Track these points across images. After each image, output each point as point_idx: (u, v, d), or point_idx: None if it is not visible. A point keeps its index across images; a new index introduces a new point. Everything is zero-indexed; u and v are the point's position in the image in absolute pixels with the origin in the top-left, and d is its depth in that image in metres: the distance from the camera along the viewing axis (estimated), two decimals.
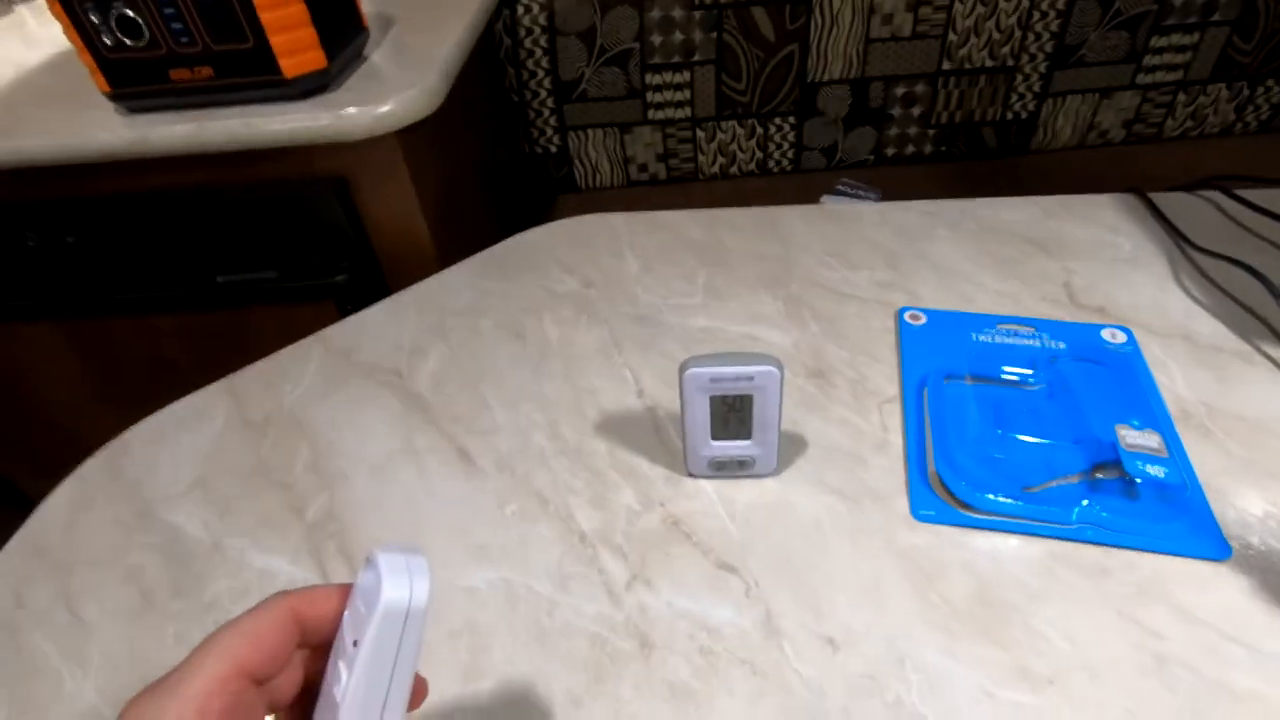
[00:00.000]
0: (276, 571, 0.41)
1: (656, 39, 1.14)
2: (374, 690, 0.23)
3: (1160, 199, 0.62)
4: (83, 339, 0.92)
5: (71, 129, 0.75)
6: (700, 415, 0.40)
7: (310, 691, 0.25)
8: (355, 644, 0.22)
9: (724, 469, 0.43)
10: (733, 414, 0.40)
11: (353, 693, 0.22)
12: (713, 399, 0.40)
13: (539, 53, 1.15)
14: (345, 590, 0.24)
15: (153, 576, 0.42)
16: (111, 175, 0.78)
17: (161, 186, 0.80)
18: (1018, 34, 1.14)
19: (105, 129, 0.74)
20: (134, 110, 0.76)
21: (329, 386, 0.53)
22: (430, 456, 0.47)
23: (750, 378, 0.39)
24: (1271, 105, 1.21)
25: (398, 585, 0.22)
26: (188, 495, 0.46)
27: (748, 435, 0.41)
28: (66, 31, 0.69)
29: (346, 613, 0.24)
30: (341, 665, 0.23)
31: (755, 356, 0.39)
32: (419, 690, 0.25)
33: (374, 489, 0.45)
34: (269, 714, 0.24)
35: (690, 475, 0.44)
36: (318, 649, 0.25)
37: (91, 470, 0.49)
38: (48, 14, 0.71)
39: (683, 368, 0.39)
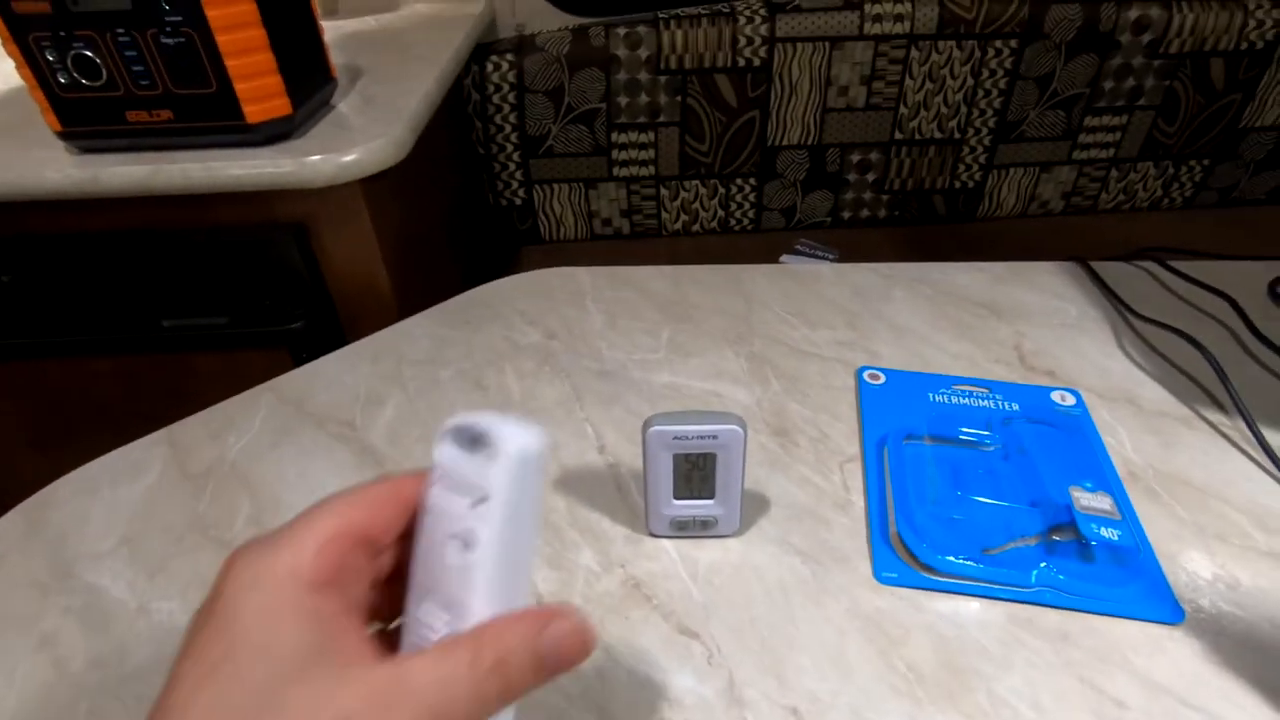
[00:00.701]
0: None
1: (623, 100, 1.17)
2: (511, 547, 0.22)
3: (1101, 268, 0.65)
4: (13, 381, 0.87)
5: (17, 167, 0.72)
6: (663, 473, 0.40)
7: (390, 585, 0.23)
8: (482, 500, 0.21)
9: (686, 529, 0.42)
10: (696, 472, 0.40)
11: (492, 551, 0.21)
12: (676, 457, 0.39)
13: (507, 108, 1.17)
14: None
15: (68, 644, 0.38)
16: (58, 213, 0.76)
17: (110, 226, 0.78)
18: (964, 109, 1.21)
19: (53, 168, 0.72)
20: (86, 150, 0.74)
21: (277, 437, 0.51)
22: None
23: (714, 436, 0.38)
24: (1195, 183, 1.30)
25: (518, 429, 0.22)
26: (114, 553, 0.43)
27: (710, 494, 0.40)
28: (19, 69, 0.68)
29: (433, 492, 0.22)
30: (449, 542, 0.21)
31: (719, 415, 0.39)
32: (586, 639, 0.22)
33: None
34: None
35: (652, 535, 0.43)
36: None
37: (10, 524, 0.45)
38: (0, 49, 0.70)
39: (646, 425, 0.39)
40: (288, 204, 0.77)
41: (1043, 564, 0.39)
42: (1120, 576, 0.39)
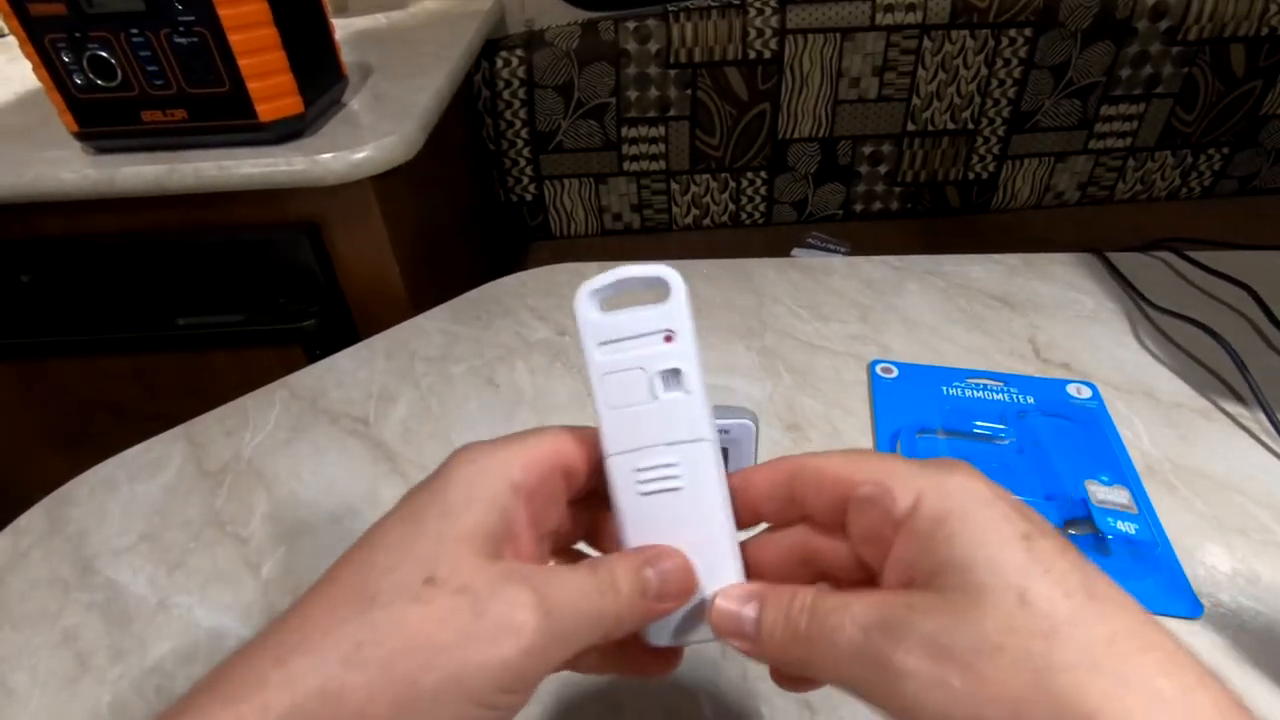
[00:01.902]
0: (226, 631, 0.39)
1: (632, 94, 1.17)
2: (701, 377, 0.24)
3: (1117, 259, 0.64)
4: (33, 381, 0.89)
5: (34, 167, 0.73)
6: None
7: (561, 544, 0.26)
8: (669, 339, 0.24)
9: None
10: None
11: (699, 378, 0.24)
12: None
13: (517, 104, 1.17)
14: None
15: (90, 639, 0.39)
16: (74, 214, 0.77)
17: (126, 227, 0.79)
18: (977, 99, 1.19)
19: (70, 169, 0.73)
20: (102, 150, 0.75)
21: (292, 434, 0.51)
22: None
23: (725, 430, 0.38)
24: (1213, 172, 1.27)
25: (666, 268, 0.24)
26: (134, 549, 0.44)
27: None
28: (36, 70, 0.69)
29: (605, 352, 0.24)
30: (656, 381, 0.23)
31: (730, 409, 0.38)
32: (690, 576, 0.23)
33: (336, 542, 0.43)
34: (551, 552, 0.25)
35: None
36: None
37: (31, 521, 0.46)
38: (17, 51, 0.71)
39: None
40: (300, 202, 0.77)
41: None
42: (1137, 571, 0.39)
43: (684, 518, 0.23)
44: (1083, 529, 0.40)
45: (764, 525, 0.25)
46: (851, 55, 1.15)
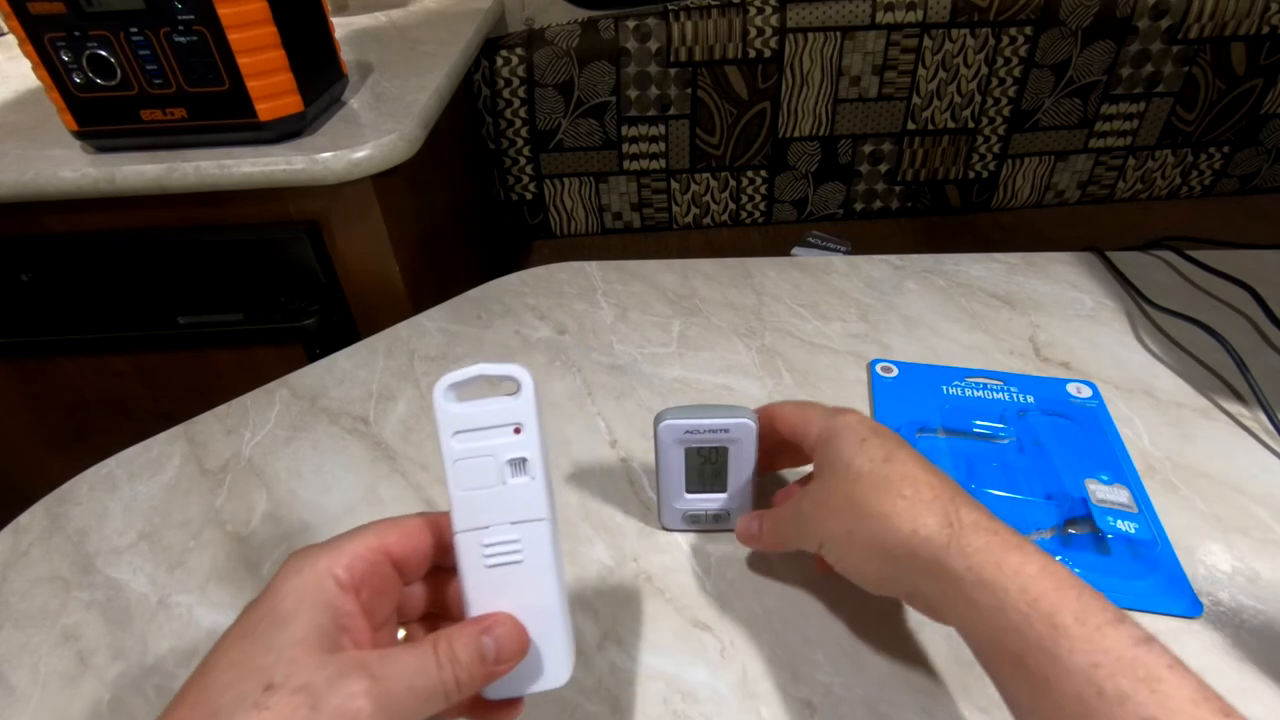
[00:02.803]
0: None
1: (632, 93, 1.17)
2: (544, 464, 0.27)
3: (1117, 258, 0.64)
4: (33, 379, 0.89)
5: (34, 166, 0.73)
6: (674, 467, 0.40)
7: (433, 618, 0.29)
8: (518, 430, 0.26)
9: (698, 522, 0.42)
10: (708, 466, 0.40)
11: (542, 468, 0.26)
12: (688, 451, 0.39)
13: (517, 103, 1.17)
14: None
15: (91, 637, 0.39)
16: (74, 212, 0.77)
17: (126, 225, 0.79)
18: (978, 98, 1.19)
19: (70, 167, 0.72)
20: (101, 149, 0.75)
21: (292, 433, 0.51)
22: (396, 506, 0.45)
23: (726, 430, 0.38)
24: (1214, 171, 1.27)
25: (519, 368, 0.26)
26: (134, 548, 0.44)
27: (723, 488, 0.40)
28: (35, 69, 0.68)
29: (456, 441, 0.26)
30: (505, 469, 0.26)
31: (731, 409, 0.38)
32: (522, 638, 0.27)
33: None
34: (401, 623, 0.28)
35: (664, 529, 0.43)
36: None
37: (31, 520, 0.46)
38: (16, 50, 0.70)
39: (658, 419, 0.39)
40: (300, 201, 0.77)
41: (1058, 557, 0.39)
42: (1137, 570, 0.39)
43: (523, 586, 0.27)
44: (1083, 528, 0.40)
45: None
46: (852, 54, 1.15)
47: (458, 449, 0.26)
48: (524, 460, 0.26)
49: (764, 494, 0.44)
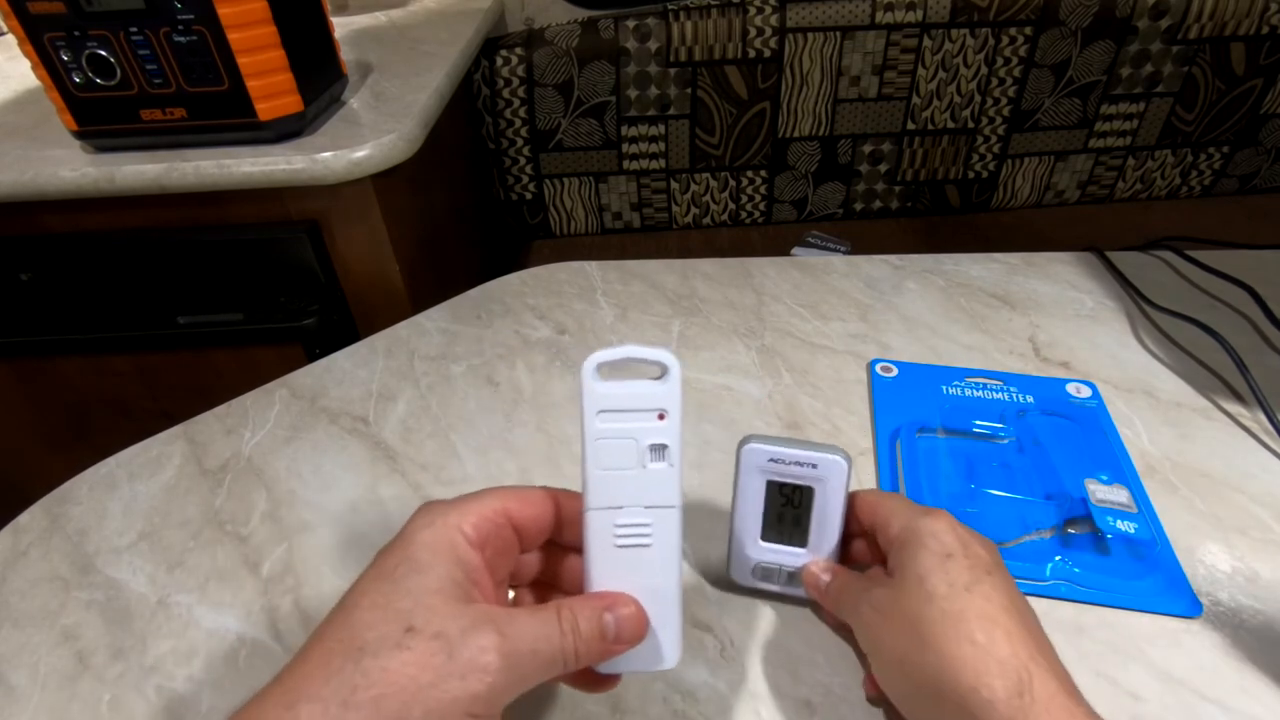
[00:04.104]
0: (226, 630, 0.39)
1: (632, 93, 1.17)
2: (681, 453, 0.27)
3: (1117, 258, 0.64)
4: (33, 379, 0.89)
5: (34, 165, 0.73)
6: (753, 504, 0.35)
7: (543, 586, 0.30)
8: (662, 417, 0.26)
9: (770, 578, 0.36)
10: (789, 510, 0.35)
11: (678, 456, 0.27)
12: (769, 485, 0.35)
13: (516, 103, 1.17)
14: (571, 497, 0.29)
15: (90, 638, 0.39)
16: (74, 212, 0.77)
17: (126, 225, 0.79)
18: (977, 98, 1.19)
19: (70, 167, 0.72)
20: (101, 149, 0.75)
21: (292, 433, 0.51)
22: (396, 506, 0.45)
23: (814, 464, 0.34)
24: (1214, 171, 1.27)
25: (669, 353, 0.26)
26: (134, 548, 0.44)
27: (803, 541, 0.35)
28: (35, 69, 0.68)
29: (600, 420, 0.26)
30: (648, 453, 0.27)
31: (823, 446, 0.34)
32: (642, 623, 0.28)
33: (336, 540, 0.43)
34: (511, 586, 0.29)
35: (733, 582, 0.38)
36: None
37: (31, 520, 0.46)
38: (16, 49, 0.70)
39: (742, 443, 0.35)
40: (300, 201, 0.77)
41: (1058, 557, 0.39)
42: (1137, 570, 0.39)
43: (647, 570, 0.27)
44: (1082, 528, 0.40)
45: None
46: (851, 54, 1.15)
47: (600, 428, 0.27)
48: (665, 447, 0.27)
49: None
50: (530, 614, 0.25)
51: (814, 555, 0.35)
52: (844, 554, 0.36)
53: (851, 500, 0.34)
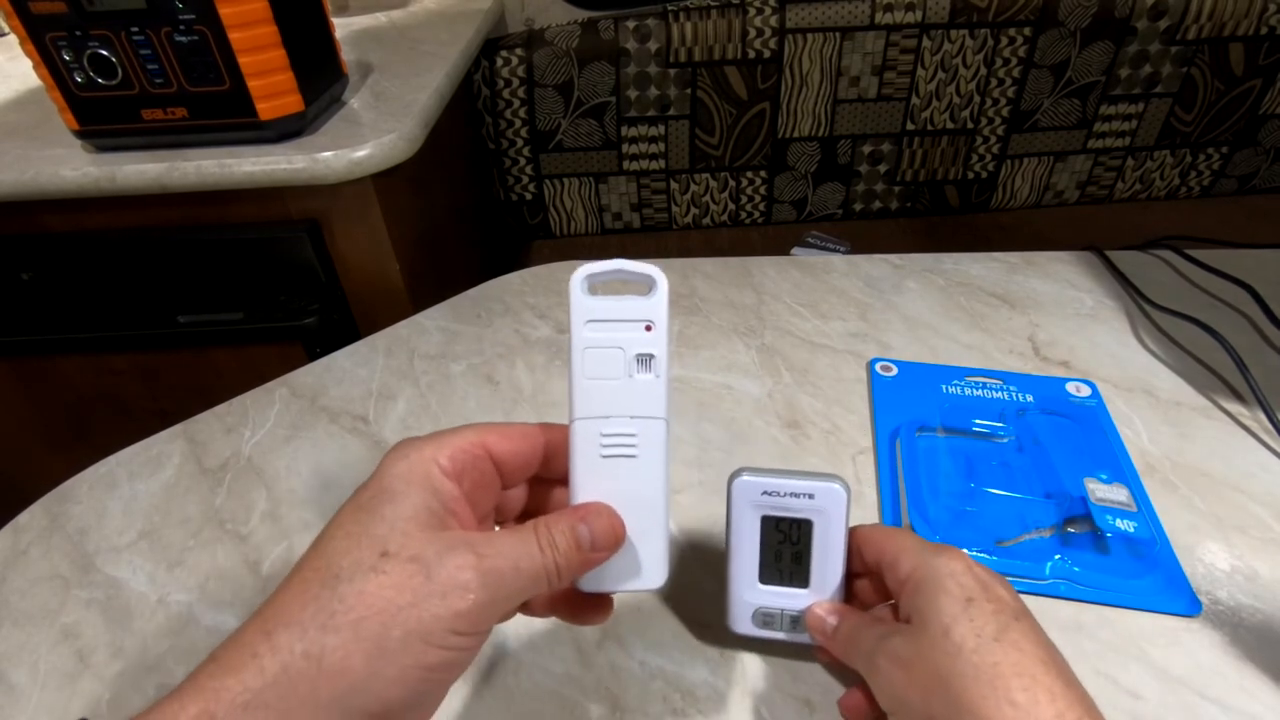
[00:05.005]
0: (226, 629, 0.39)
1: (632, 93, 1.17)
2: (669, 366, 0.27)
3: (1117, 257, 0.64)
4: (34, 378, 0.89)
5: (35, 165, 0.73)
6: (749, 543, 0.33)
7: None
8: (649, 328, 0.27)
9: (771, 625, 0.34)
10: (787, 547, 0.33)
11: (666, 366, 0.27)
12: (764, 521, 0.32)
13: (517, 103, 1.17)
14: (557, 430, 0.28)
15: (90, 636, 0.39)
16: (74, 211, 0.77)
17: (126, 224, 0.79)
18: (977, 99, 1.19)
19: (71, 166, 0.72)
20: (102, 148, 0.75)
21: (291, 431, 0.51)
22: None
23: (810, 495, 0.32)
24: (1213, 171, 1.28)
25: (654, 268, 0.27)
26: (134, 546, 0.44)
27: (804, 581, 0.33)
28: (36, 69, 0.69)
29: (588, 330, 0.27)
30: (633, 363, 0.27)
31: (820, 475, 0.32)
32: (618, 531, 0.28)
33: None
34: (498, 521, 0.29)
35: (732, 632, 0.35)
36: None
37: (31, 519, 0.46)
38: (17, 49, 0.70)
39: (733, 477, 0.33)
40: (301, 200, 0.77)
41: (1057, 556, 0.39)
42: (1136, 569, 0.39)
43: (632, 480, 0.27)
44: (1082, 527, 0.40)
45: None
46: (851, 54, 1.15)
47: (588, 337, 0.27)
48: (651, 357, 0.27)
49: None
50: (508, 534, 0.25)
51: (817, 596, 0.32)
52: (847, 594, 0.33)
53: (852, 536, 0.32)
